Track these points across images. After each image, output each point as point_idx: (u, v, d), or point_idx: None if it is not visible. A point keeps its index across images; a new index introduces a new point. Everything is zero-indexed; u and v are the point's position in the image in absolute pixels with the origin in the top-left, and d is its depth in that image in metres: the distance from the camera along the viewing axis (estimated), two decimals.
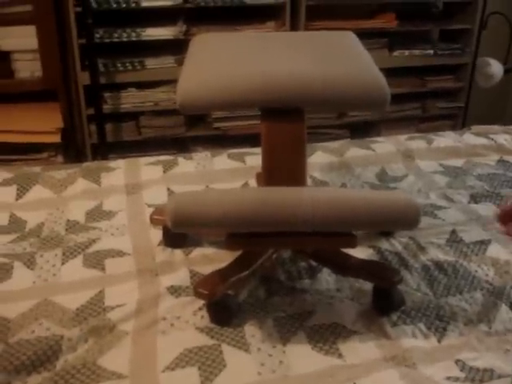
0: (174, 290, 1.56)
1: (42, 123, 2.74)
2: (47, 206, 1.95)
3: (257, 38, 1.84)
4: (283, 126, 1.49)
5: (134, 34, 2.83)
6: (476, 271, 1.66)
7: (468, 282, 1.61)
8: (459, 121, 3.43)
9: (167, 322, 1.45)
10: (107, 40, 2.81)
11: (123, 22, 2.86)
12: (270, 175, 1.51)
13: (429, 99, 3.39)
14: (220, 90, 1.44)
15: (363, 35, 3.08)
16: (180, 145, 3.07)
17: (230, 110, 1.98)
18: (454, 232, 1.83)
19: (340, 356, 1.36)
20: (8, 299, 1.54)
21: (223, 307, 1.45)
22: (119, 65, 2.87)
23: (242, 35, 1.87)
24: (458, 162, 2.28)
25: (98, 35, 2.78)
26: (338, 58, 1.63)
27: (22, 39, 2.73)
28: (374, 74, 1.52)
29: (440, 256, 1.71)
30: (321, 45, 1.71)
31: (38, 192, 2.02)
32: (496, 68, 3.10)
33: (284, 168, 1.50)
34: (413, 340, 1.41)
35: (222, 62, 1.55)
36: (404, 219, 1.36)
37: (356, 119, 3.27)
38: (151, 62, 2.88)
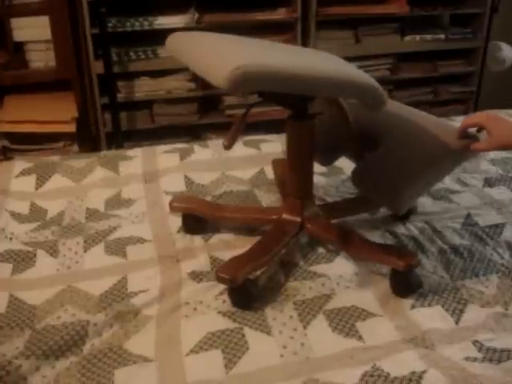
0: (196, 276, 1.59)
1: (57, 113, 2.77)
2: (67, 195, 1.98)
3: (220, 37, 1.70)
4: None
5: (146, 23, 2.85)
6: (491, 254, 1.67)
7: (484, 265, 1.63)
8: (471, 105, 3.44)
9: (190, 306, 1.48)
10: (120, 29, 2.83)
11: (135, 11, 2.87)
12: None
13: (440, 84, 3.39)
14: None
15: (375, 20, 3.13)
16: (193, 132, 3.10)
17: None
18: (469, 216, 1.85)
19: (360, 338, 1.39)
20: (33, 286, 1.58)
21: (244, 291, 1.48)
22: (132, 54, 2.90)
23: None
24: None
25: (110, 24, 2.80)
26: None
27: (35, 30, 2.75)
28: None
29: (456, 240, 1.74)
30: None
31: (57, 181, 2.05)
32: (507, 52, 3.10)
33: None
34: (431, 322, 1.43)
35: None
36: None
37: None
38: (164, 51, 2.89)
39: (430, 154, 1.55)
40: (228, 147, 1.47)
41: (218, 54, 1.40)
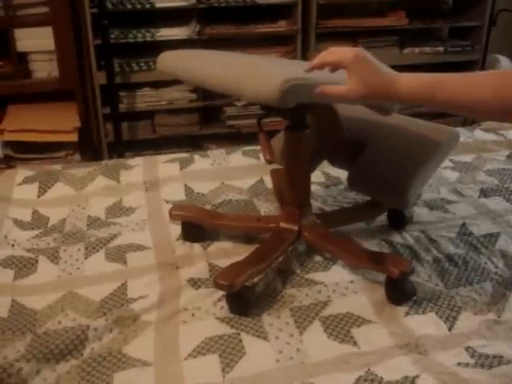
0: (194, 283, 1.61)
1: (60, 122, 2.80)
2: (68, 203, 2.02)
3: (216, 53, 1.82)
4: None
5: (148, 35, 2.89)
6: (486, 263, 1.70)
7: (478, 274, 1.66)
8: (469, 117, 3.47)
9: (188, 312, 1.51)
10: (122, 40, 2.87)
11: (138, 22, 2.91)
12: None
13: None
14: None
15: (374, 33, 3.17)
16: (194, 142, 3.13)
17: None
18: (464, 225, 1.88)
19: (355, 344, 1.41)
20: (34, 292, 1.61)
21: (242, 298, 1.51)
22: (134, 65, 2.93)
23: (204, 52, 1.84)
24: (469, 158, 2.33)
25: (113, 36, 2.83)
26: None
27: (38, 40, 2.79)
28: None
29: (451, 249, 1.76)
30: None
31: (59, 189, 2.09)
32: (505, 64, 3.14)
33: None
34: (424, 328, 1.45)
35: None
36: None
37: None
38: None
39: (422, 149, 1.69)
40: (271, 161, 1.50)
41: (249, 70, 1.46)
